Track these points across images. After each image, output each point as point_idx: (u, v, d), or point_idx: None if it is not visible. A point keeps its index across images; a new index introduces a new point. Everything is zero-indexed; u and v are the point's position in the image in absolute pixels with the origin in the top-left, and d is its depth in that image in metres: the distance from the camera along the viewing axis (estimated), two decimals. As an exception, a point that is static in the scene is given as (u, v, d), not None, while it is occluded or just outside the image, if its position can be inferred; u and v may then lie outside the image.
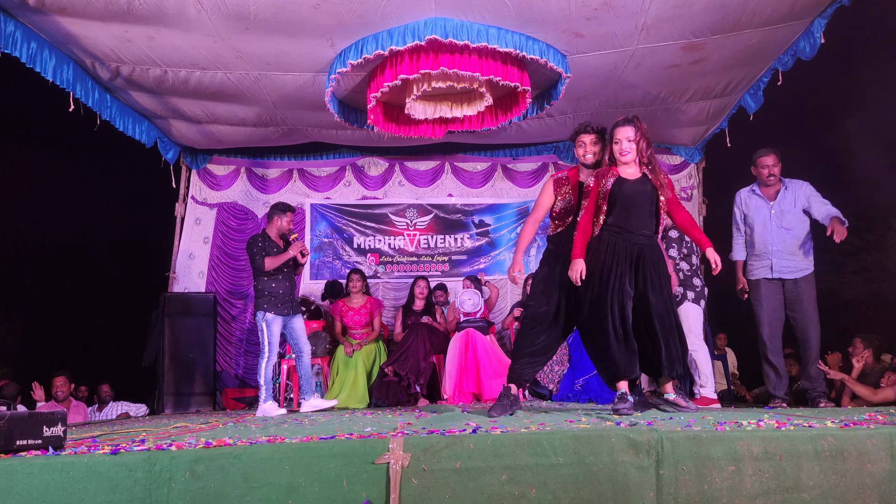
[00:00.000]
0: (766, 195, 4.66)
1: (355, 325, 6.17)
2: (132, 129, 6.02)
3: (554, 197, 3.81)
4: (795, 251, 4.51)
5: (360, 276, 6.29)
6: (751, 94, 5.79)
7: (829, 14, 4.53)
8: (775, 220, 4.58)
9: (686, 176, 7.62)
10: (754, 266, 4.65)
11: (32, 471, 2.06)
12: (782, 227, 4.56)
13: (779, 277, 4.52)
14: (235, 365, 7.26)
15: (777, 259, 4.53)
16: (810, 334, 4.42)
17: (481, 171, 7.78)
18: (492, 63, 4.71)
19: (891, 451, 2.25)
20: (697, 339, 4.63)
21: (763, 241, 4.61)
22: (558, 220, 3.84)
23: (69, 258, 7.10)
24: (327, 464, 2.16)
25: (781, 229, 4.56)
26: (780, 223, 4.57)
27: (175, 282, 7.25)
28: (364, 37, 4.70)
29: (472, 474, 2.17)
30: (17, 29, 4.43)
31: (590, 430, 2.31)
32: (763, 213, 4.65)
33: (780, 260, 4.53)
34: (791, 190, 4.59)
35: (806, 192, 4.54)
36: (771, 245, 4.56)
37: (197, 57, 5.00)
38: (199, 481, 2.11)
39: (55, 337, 7.10)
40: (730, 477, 2.20)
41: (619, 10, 4.44)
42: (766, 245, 4.58)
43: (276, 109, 6.06)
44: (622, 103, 6.17)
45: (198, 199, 7.55)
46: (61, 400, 5.90)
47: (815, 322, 4.43)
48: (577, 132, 3.77)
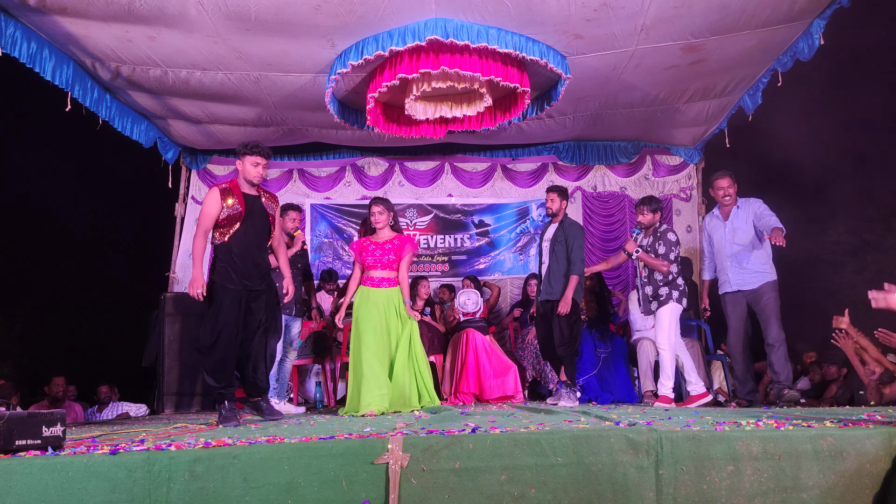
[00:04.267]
0: (723, 215, 4.98)
1: (376, 265, 4.55)
2: (131, 130, 6.03)
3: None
4: (749, 263, 4.79)
5: (384, 207, 4.60)
6: (750, 94, 5.80)
7: (827, 15, 4.54)
8: (729, 237, 4.89)
9: (685, 176, 7.63)
10: (720, 281, 5.00)
11: (31, 471, 2.05)
12: (735, 242, 4.85)
13: (738, 290, 4.82)
14: (235, 365, 7.26)
15: (733, 273, 4.84)
16: (770, 333, 4.67)
17: (481, 172, 7.78)
18: (492, 64, 4.72)
19: (890, 451, 2.25)
20: (668, 338, 4.67)
21: (721, 258, 4.95)
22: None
23: (69, 258, 7.10)
24: (327, 464, 2.16)
25: (734, 245, 4.85)
26: (733, 239, 4.86)
27: (175, 282, 7.25)
28: (364, 37, 4.70)
29: (472, 474, 2.17)
30: (17, 29, 4.44)
31: (589, 430, 2.31)
32: (719, 232, 4.97)
33: (735, 274, 4.84)
34: (743, 208, 4.87)
35: (755, 209, 4.81)
36: (727, 260, 4.89)
37: (197, 57, 5.00)
38: (199, 481, 2.11)
39: (55, 337, 7.10)
40: (729, 477, 2.20)
41: (618, 12, 4.44)
42: (723, 261, 4.92)
43: (277, 110, 6.07)
44: (622, 104, 6.18)
45: (198, 199, 7.55)
46: (59, 399, 5.90)
47: (776, 323, 4.66)
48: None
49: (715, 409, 4.30)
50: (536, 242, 7.43)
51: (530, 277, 6.61)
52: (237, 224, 3.77)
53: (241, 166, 3.89)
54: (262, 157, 3.88)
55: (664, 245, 4.76)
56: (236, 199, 3.79)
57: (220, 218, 3.76)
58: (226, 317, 3.69)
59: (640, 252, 4.83)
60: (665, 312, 4.69)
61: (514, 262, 7.58)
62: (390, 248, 4.54)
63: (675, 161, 7.61)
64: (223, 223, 3.77)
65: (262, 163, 3.89)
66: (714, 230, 5.03)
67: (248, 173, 3.87)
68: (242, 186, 3.88)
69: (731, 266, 4.85)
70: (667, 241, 4.77)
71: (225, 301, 3.71)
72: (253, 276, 3.82)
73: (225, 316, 3.69)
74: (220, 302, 3.70)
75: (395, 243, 4.56)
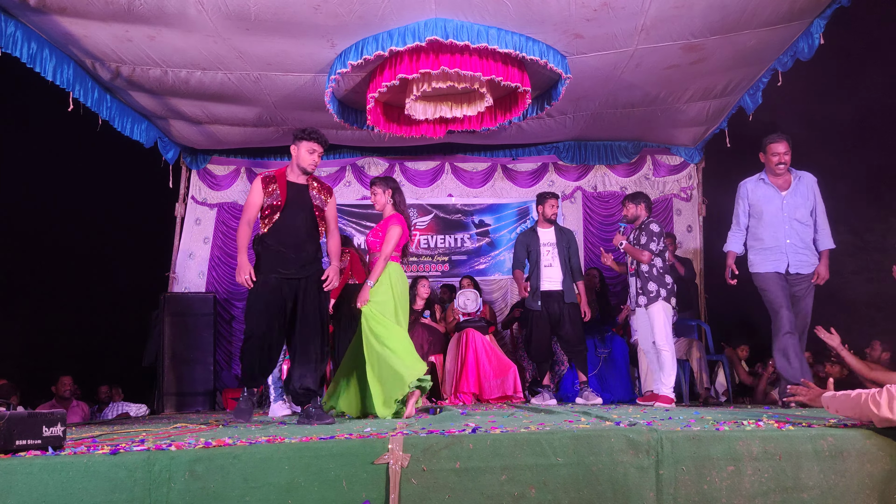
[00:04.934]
0: (778, 184, 4.27)
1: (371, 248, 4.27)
2: (132, 130, 6.03)
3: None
4: (809, 245, 4.21)
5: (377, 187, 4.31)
6: (750, 94, 5.80)
7: (828, 15, 4.54)
8: (789, 211, 4.22)
9: (686, 176, 7.63)
10: (765, 259, 4.26)
11: (32, 471, 2.05)
12: (795, 219, 4.21)
13: (797, 272, 4.18)
14: (235, 365, 7.26)
15: (793, 254, 4.18)
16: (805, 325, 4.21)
17: (481, 171, 7.78)
18: (492, 63, 4.72)
19: (890, 451, 2.25)
20: (666, 337, 4.66)
21: (775, 235, 4.23)
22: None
23: (69, 258, 7.10)
24: (327, 464, 2.16)
25: (795, 221, 4.21)
26: (793, 214, 4.21)
27: (175, 282, 7.25)
28: (364, 38, 4.70)
29: (472, 474, 2.17)
30: (18, 29, 4.44)
31: (589, 430, 2.31)
32: (774, 203, 4.26)
33: (795, 254, 4.18)
34: (803, 182, 4.26)
35: (815, 190, 4.26)
36: (784, 238, 4.20)
37: (197, 57, 5.00)
38: (199, 481, 2.10)
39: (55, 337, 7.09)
40: (729, 477, 2.20)
41: (618, 11, 4.44)
42: (779, 238, 4.21)
43: (277, 110, 6.07)
44: (622, 103, 6.18)
45: (198, 199, 7.56)
46: (66, 398, 5.91)
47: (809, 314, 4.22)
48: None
49: (715, 408, 4.30)
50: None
51: (530, 277, 6.60)
52: (277, 214, 3.61)
53: (296, 152, 3.67)
54: (319, 143, 3.66)
55: (646, 235, 4.82)
56: (278, 188, 3.63)
57: (263, 207, 3.63)
58: (261, 305, 3.55)
59: (624, 244, 4.93)
60: (658, 311, 4.69)
61: (515, 261, 7.58)
62: (378, 229, 4.20)
63: (676, 161, 7.61)
64: (265, 212, 3.63)
65: (319, 150, 3.68)
66: (765, 200, 4.28)
67: (302, 160, 3.66)
68: (290, 175, 3.70)
69: (792, 246, 4.17)
70: (649, 231, 4.81)
71: (261, 291, 3.56)
72: (291, 265, 3.60)
73: (261, 305, 3.55)
74: (257, 291, 3.59)
75: (384, 223, 4.21)
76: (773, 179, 4.28)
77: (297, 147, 3.67)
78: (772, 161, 4.23)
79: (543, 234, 5.32)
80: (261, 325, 3.54)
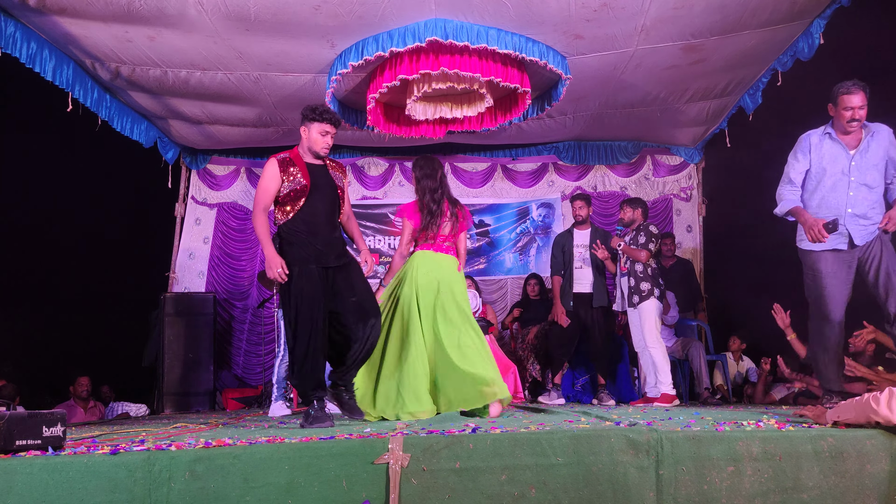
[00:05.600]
0: (848, 142, 3.50)
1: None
2: (131, 130, 6.03)
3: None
4: (870, 214, 3.46)
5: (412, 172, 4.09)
6: (750, 94, 5.80)
7: (828, 15, 4.54)
8: (856, 175, 3.46)
9: (686, 176, 7.62)
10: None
11: (32, 471, 2.05)
12: (864, 183, 3.46)
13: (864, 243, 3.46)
14: (235, 365, 7.27)
15: (855, 226, 3.44)
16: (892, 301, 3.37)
17: (481, 172, 7.78)
18: (492, 64, 4.72)
19: (890, 451, 2.25)
20: (655, 336, 4.70)
21: (836, 202, 3.49)
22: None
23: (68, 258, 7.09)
24: (327, 464, 2.16)
25: (863, 187, 3.45)
26: (861, 179, 3.46)
27: (175, 282, 7.26)
28: (364, 38, 4.71)
29: (472, 474, 2.18)
30: (17, 29, 4.44)
31: (589, 430, 2.31)
32: (839, 164, 3.49)
33: (855, 226, 3.44)
34: (877, 138, 3.46)
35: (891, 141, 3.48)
36: (846, 207, 3.45)
37: (197, 57, 5.00)
38: (199, 481, 2.11)
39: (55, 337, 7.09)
40: (729, 477, 2.20)
41: (618, 12, 4.44)
42: (840, 207, 3.47)
43: (277, 110, 6.07)
44: (622, 104, 6.18)
45: (198, 199, 7.55)
46: (84, 399, 5.93)
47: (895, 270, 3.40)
48: None
49: (716, 408, 4.30)
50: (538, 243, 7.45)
51: (530, 277, 6.61)
52: (302, 200, 3.23)
53: (306, 133, 3.30)
54: (332, 124, 3.29)
55: (644, 235, 4.90)
56: (299, 170, 3.26)
57: (282, 193, 3.25)
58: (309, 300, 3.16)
59: (622, 245, 4.99)
60: (649, 309, 4.71)
61: (515, 262, 7.58)
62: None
63: (676, 161, 7.60)
64: (285, 199, 3.25)
65: (332, 132, 3.31)
66: (831, 160, 3.50)
67: (314, 143, 3.29)
68: (305, 157, 3.34)
69: (852, 217, 3.44)
70: (647, 232, 4.90)
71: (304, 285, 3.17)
72: (328, 256, 3.28)
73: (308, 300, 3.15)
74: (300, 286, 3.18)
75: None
76: (841, 136, 3.51)
77: (307, 129, 3.31)
78: (843, 116, 3.43)
79: (578, 236, 5.45)
80: (316, 321, 3.16)
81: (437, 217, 3.82)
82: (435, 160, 3.95)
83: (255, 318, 7.30)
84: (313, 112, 3.29)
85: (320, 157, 3.37)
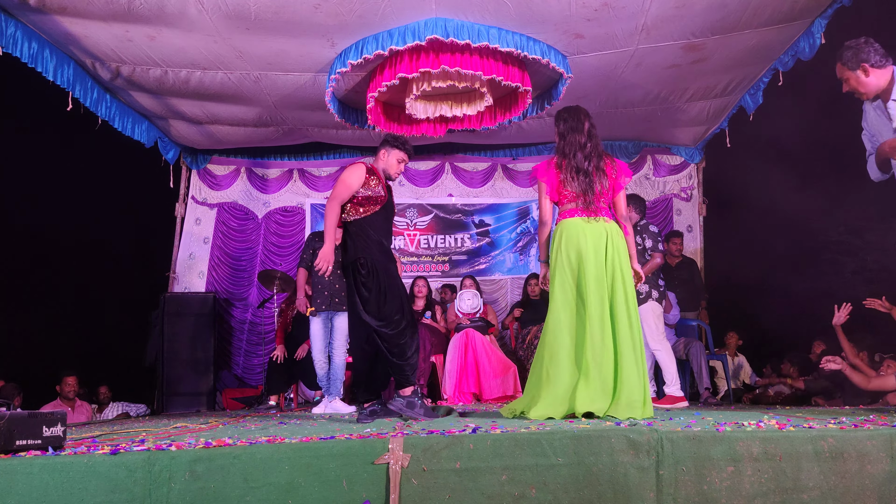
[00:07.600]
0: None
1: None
2: (132, 130, 6.03)
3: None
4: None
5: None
6: (751, 94, 5.80)
7: (829, 14, 4.53)
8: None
9: (686, 176, 7.62)
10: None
11: (32, 471, 2.05)
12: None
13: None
14: (235, 365, 7.27)
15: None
16: None
17: (481, 171, 7.78)
18: (493, 63, 4.72)
19: (890, 452, 2.25)
20: (660, 337, 4.64)
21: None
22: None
23: (68, 258, 7.10)
24: (327, 464, 2.16)
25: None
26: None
27: (175, 282, 7.25)
28: (364, 37, 4.70)
29: (472, 474, 2.17)
30: (18, 29, 4.44)
31: (589, 431, 2.31)
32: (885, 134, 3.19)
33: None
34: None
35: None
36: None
37: (197, 57, 5.00)
38: (199, 481, 2.11)
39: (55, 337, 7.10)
40: (729, 477, 2.20)
41: (619, 11, 4.44)
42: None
43: (277, 109, 6.06)
44: (622, 103, 6.18)
45: (198, 199, 7.55)
46: (70, 399, 5.91)
47: None
48: None
49: (716, 409, 4.30)
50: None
51: (530, 277, 6.61)
52: (377, 207, 3.59)
53: (385, 157, 3.70)
54: (409, 156, 3.75)
55: (650, 238, 4.80)
56: (379, 183, 3.63)
57: (360, 196, 3.58)
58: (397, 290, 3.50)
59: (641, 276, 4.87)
60: (646, 313, 4.66)
61: (515, 262, 7.58)
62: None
63: (676, 161, 7.60)
64: (361, 201, 3.58)
65: (406, 162, 3.77)
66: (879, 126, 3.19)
67: (390, 167, 3.70)
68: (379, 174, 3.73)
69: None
70: (651, 233, 4.82)
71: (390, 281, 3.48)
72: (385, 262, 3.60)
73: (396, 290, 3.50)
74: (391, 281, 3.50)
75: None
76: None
77: (387, 153, 3.70)
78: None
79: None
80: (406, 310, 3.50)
81: (589, 177, 3.30)
82: (581, 109, 3.44)
83: (255, 318, 7.31)
84: (396, 141, 3.71)
85: (390, 179, 3.76)
